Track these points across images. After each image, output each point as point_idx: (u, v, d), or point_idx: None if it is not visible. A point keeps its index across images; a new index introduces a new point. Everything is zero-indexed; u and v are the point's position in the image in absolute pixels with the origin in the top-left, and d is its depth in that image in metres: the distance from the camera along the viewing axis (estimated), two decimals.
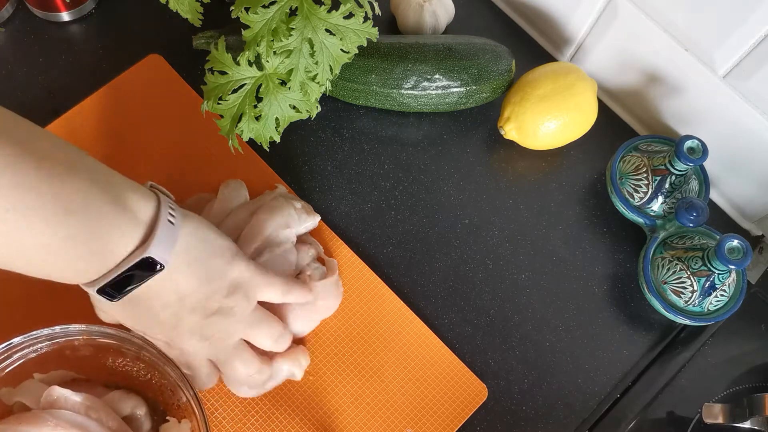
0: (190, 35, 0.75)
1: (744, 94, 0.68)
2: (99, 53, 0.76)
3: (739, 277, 0.69)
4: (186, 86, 0.75)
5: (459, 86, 0.73)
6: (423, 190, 0.74)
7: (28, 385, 0.58)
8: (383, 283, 0.69)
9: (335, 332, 0.67)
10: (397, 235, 0.72)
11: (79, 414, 0.56)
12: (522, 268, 0.72)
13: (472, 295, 0.70)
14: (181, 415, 0.59)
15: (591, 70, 0.80)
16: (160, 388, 0.60)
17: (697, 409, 0.67)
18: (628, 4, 0.71)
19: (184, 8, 0.68)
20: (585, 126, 0.74)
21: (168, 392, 0.59)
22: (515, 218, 0.74)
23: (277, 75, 0.62)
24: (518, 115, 0.72)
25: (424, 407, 0.65)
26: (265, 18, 0.60)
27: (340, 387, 0.65)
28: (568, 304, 0.71)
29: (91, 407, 0.57)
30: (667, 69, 0.73)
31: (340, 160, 0.75)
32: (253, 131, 0.64)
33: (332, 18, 0.60)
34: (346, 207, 0.73)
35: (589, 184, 0.76)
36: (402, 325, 0.68)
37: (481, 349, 0.68)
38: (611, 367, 0.69)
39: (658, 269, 0.69)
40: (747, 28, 0.63)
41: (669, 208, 0.71)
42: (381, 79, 0.73)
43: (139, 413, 0.60)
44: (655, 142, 0.74)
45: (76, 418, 0.55)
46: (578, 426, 0.67)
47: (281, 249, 0.65)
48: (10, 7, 0.76)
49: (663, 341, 0.71)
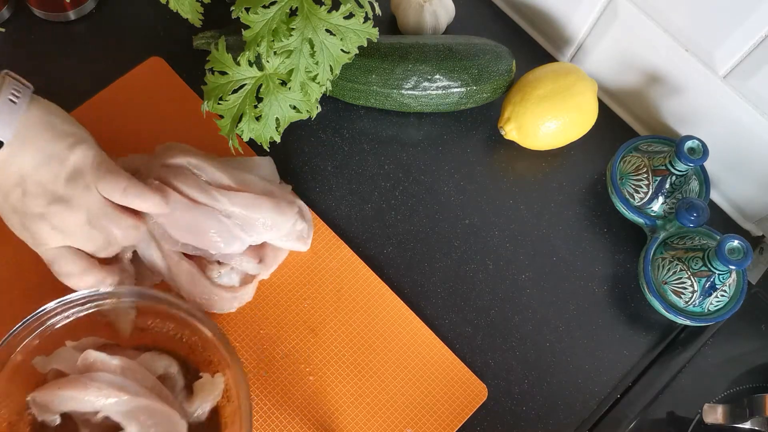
0: (191, 35, 0.75)
1: (744, 94, 0.68)
2: (99, 53, 0.76)
3: (739, 277, 0.69)
4: (187, 88, 0.75)
5: (459, 86, 0.73)
6: (423, 191, 0.74)
7: (62, 352, 0.59)
8: (383, 283, 0.69)
9: (335, 332, 0.67)
10: (398, 235, 0.72)
11: (116, 375, 0.57)
12: (522, 269, 0.72)
13: (473, 296, 0.70)
14: (213, 370, 0.60)
15: (591, 70, 0.80)
16: (191, 346, 0.61)
17: (698, 409, 0.67)
18: (629, 4, 0.71)
19: (185, 8, 0.68)
20: (585, 126, 0.74)
21: (199, 349, 0.60)
22: (515, 218, 0.74)
23: (277, 75, 0.63)
24: (518, 116, 0.72)
25: (424, 407, 0.65)
26: (266, 18, 0.60)
27: (340, 387, 0.65)
28: (568, 304, 0.71)
29: (127, 368, 0.58)
30: (667, 69, 0.73)
31: (340, 161, 0.75)
32: (253, 131, 0.64)
33: (332, 18, 0.60)
34: (346, 207, 0.73)
35: (590, 184, 0.76)
36: (402, 325, 0.68)
37: (481, 349, 0.68)
38: (611, 367, 0.69)
39: (658, 269, 0.69)
40: (747, 28, 0.63)
41: (669, 208, 0.71)
42: (381, 79, 0.73)
43: (172, 372, 0.61)
44: (656, 142, 0.74)
45: (115, 379, 0.57)
46: (578, 426, 0.67)
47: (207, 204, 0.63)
48: (10, 7, 0.76)
49: (663, 341, 0.71)
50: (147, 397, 0.57)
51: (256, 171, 0.69)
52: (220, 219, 0.63)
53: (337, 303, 0.68)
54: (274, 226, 0.65)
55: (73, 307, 0.58)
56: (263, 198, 0.65)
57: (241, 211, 0.63)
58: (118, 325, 0.61)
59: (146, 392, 0.57)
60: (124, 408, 0.56)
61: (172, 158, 0.64)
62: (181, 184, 0.63)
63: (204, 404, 0.60)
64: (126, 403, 0.56)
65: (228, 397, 0.59)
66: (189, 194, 0.63)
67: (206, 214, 0.63)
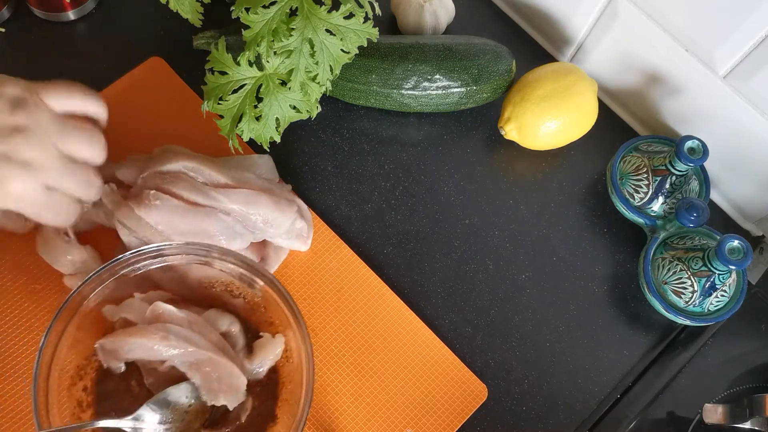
0: (191, 35, 0.75)
1: (744, 94, 0.68)
2: (100, 53, 0.76)
3: (739, 277, 0.69)
4: (187, 89, 0.75)
5: (459, 86, 0.73)
6: (423, 191, 0.74)
7: (131, 303, 0.61)
8: (383, 283, 0.69)
9: (335, 332, 0.67)
10: (398, 235, 0.72)
11: (182, 327, 0.59)
12: (522, 269, 0.72)
13: (473, 296, 0.70)
14: (274, 331, 0.62)
15: (591, 70, 0.80)
16: (253, 307, 0.63)
17: (698, 409, 0.67)
18: (629, 4, 0.71)
19: (185, 8, 0.68)
20: (585, 126, 0.74)
21: (261, 309, 0.63)
22: (515, 218, 0.74)
23: (277, 75, 0.63)
24: (518, 116, 0.72)
25: (424, 407, 0.65)
26: (266, 18, 0.60)
27: (340, 387, 0.65)
28: (568, 304, 0.71)
29: (193, 322, 0.60)
30: (667, 69, 0.73)
31: (340, 161, 0.75)
32: (253, 131, 0.64)
33: (332, 18, 0.60)
34: (346, 207, 0.73)
35: (590, 184, 0.76)
36: (402, 325, 0.68)
37: (481, 349, 0.68)
38: (611, 367, 0.69)
39: (658, 269, 0.69)
40: (747, 28, 0.63)
41: (669, 208, 0.71)
42: (381, 79, 0.73)
43: (234, 330, 0.62)
44: (656, 142, 0.74)
45: (181, 331, 0.59)
46: (578, 426, 0.67)
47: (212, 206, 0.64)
48: (10, 7, 0.76)
49: (663, 341, 0.71)
50: (212, 351, 0.59)
51: (254, 169, 0.70)
52: (221, 217, 0.63)
53: (337, 303, 0.68)
54: (274, 223, 0.65)
55: (145, 259, 0.60)
56: (262, 194, 0.65)
57: (240, 208, 0.64)
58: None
59: (211, 346, 0.59)
60: (190, 359, 0.58)
61: (167, 164, 0.64)
62: (179, 189, 0.63)
63: (264, 363, 0.61)
64: (192, 354, 0.58)
65: (287, 357, 0.61)
66: (188, 198, 0.63)
67: (206, 215, 0.63)
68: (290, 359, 0.61)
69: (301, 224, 0.67)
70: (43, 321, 0.64)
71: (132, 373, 0.61)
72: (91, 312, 0.59)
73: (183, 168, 0.64)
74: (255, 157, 0.71)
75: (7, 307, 0.64)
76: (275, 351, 0.61)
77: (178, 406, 0.58)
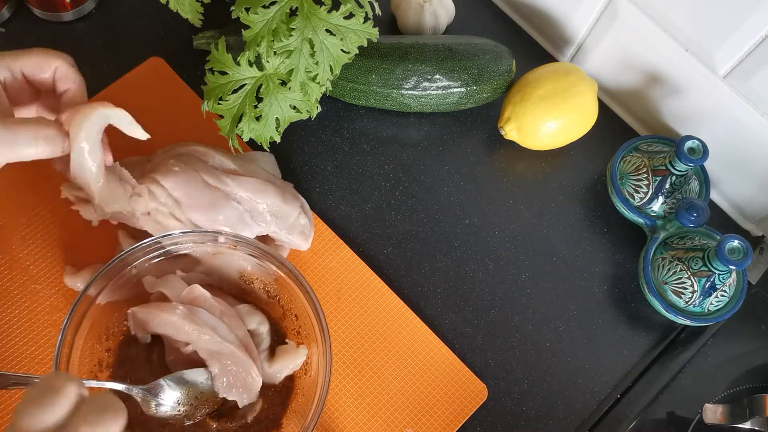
0: (191, 35, 0.75)
1: (744, 94, 0.68)
2: (100, 53, 0.76)
3: (739, 277, 0.69)
4: (187, 89, 0.75)
5: (459, 86, 0.73)
6: (423, 191, 0.74)
7: (171, 279, 0.62)
8: (383, 283, 0.69)
9: (335, 332, 0.67)
10: (398, 235, 0.72)
11: (214, 316, 0.60)
12: (522, 269, 0.72)
13: (473, 296, 0.70)
14: (299, 341, 0.63)
15: (591, 70, 0.80)
16: (285, 312, 0.64)
17: (698, 409, 0.67)
18: (629, 4, 0.71)
19: (185, 8, 0.68)
20: (585, 126, 0.74)
21: (292, 317, 0.63)
22: (515, 218, 0.74)
23: (277, 75, 0.63)
24: (519, 116, 0.72)
25: (424, 407, 0.65)
26: (266, 18, 0.60)
27: (340, 387, 0.65)
28: (568, 304, 0.71)
29: (225, 313, 0.61)
30: (667, 69, 0.73)
31: (340, 161, 0.75)
32: (253, 131, 0.64)
33: (332, 18, 0.60)
34: (346, 207, 0.73)
35: (590, 184, 0.76)
36: (402, 325, 0.68)
37: (481, 349, 0.68)
38: (611, 367, 0.69)
39: (658, 269, 0.69)
40: (747, 28, 0.63)
41: (669, 208, 0.71)
42: (381, 79, 0.73)
43: (262, 330, 0.63)
44: (656, 142, 0.74)
45: (210, 318, 0.60)
46: (578, 426, 0.67)
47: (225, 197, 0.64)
48: (10, 7, 0.76)
49: (663, 342, 0.71)
50: (236, 345, 0.59)
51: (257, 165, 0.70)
52: (233, 205, 0.64)
53: (337, 303, 0.68)
54: (280, 215, 0.65)
55: (192, 240, 0.61)
56: (270, 185, 0.65)
57: (249, 196, 0.64)
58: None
59: (236, 340, 0.60)
60: (213, 348, 0.59)
61: (179, 147, 0.65)
62: (196, 167, 0.64)
63: (283, 369, 0.62)
64: (217, 344, 0.59)
65: (306, 369, 0.62)
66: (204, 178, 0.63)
67: (222, 197, 0.63)
68: (308, 372, 0.61)
69: (304, 220, 0.67)
70: (43, 321, 0.64)
71: (155, 346, 0.62)
72: (131, 279, 0.61)
73: (194, 151, 0.65)
74: (257, 153, 0.71)
75: (7, 307, 0.64)
76: (296, 361, 0.62)
77: (192, 389, 0.59)
